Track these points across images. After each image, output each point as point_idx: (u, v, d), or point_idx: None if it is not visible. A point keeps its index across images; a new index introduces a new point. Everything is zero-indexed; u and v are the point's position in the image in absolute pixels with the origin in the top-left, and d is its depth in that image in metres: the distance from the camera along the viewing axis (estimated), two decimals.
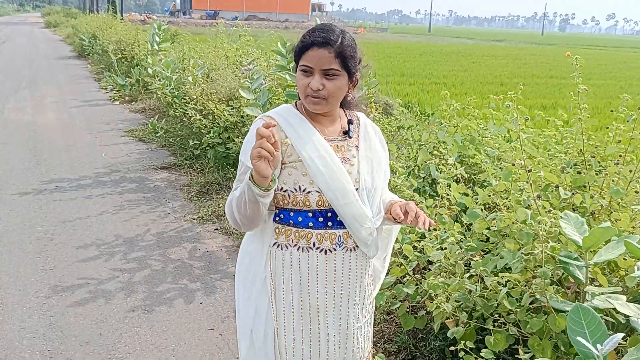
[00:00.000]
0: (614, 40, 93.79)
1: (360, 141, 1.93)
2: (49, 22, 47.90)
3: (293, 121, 1.83)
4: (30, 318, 3.55)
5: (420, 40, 51.08)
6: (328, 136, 1.85)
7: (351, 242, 1.87)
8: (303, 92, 1.78)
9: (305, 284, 1.85)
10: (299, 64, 1.78)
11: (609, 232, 1.94)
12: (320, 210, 1.80)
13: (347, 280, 1.89)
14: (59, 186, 6.09)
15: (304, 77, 1.76)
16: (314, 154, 1.77)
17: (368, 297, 2.02)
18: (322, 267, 1.84)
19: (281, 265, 1.86)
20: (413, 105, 10.78)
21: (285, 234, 1.84)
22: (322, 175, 1.76)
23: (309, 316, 1.88)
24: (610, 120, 8.96)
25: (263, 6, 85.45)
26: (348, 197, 1.78)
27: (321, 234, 1.82)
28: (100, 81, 14.17)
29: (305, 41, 1.76)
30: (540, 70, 21.67)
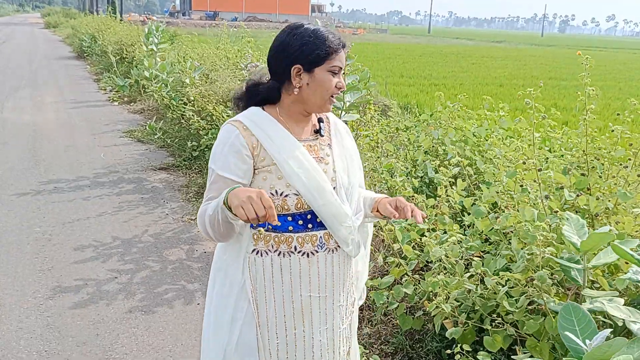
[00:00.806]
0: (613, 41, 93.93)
1: (333, 139, 1.93)
2: (48, 22, 47.95)
3: (263, 124, 1.78)
4: (28, 318, 3.54)
5: (420, 41, 51.12)
6: (300, 136, 1.84)
7: (332, 243, 1.85)
8: (329, 92, 1.78)
9: (288, 290, 1.81)
10: (324, 64, 1.76)
11: (607, 237, 1.94)
12: (299, 213, 1.78)
13: (331, 282, 1.87)
14: (58, 187, 6.09)
15: (332, 77, 1.78)
16: (287, 156, 1.75)
17: (351, 299, 2.01)
18: (305, 271, 1.81)
19: (262, 271, 1.80)
20: (412, 106, 10.78)
21: (264, 239, 1.79)
22: (298, 176, 1.74)
23: (292, 320, 1.83)
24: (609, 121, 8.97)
25: (263, 7, 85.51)
26: (326, 196, 1.76)
27: (302, 237, 1.79)
28: (100, 82, 14.18)
29: (338, 42, 1.78)
30: (540, 72, 21.68)
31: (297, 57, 1.76)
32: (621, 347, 1.40)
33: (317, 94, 1.78)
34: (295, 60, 1.76)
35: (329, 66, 1.76)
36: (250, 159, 1.75)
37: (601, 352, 1.39)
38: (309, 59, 1.75)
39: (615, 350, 1.40)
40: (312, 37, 1.77)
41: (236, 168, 1.75)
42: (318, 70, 1.76)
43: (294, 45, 1.76)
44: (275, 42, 1.81)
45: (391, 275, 3.01)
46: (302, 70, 1.76)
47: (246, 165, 1.75)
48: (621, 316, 1.74)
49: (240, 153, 1.74)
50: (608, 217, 2.68)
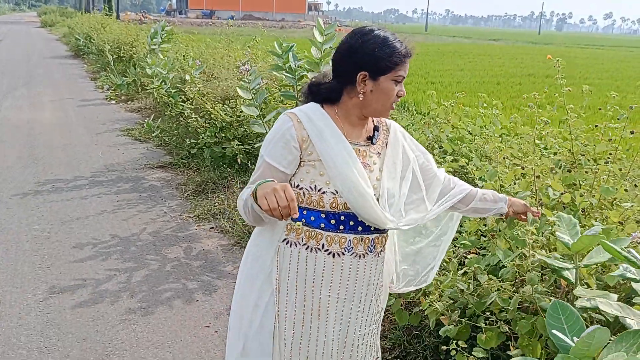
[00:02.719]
0: (611, 39, 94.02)
1: (387, 148, 1.94)
2: (44, 21, 47.82)
3: (317, 120, 1.82)
4: (28, 315, 3.57)
5: (417, 40, 50.82)
6: (352, 139, 1.85)
7: (361, 249, 1.86)
8: (391, 101, 1.81)
9: (310, 285, 1.85)
10: (391, 73, 1.78)
11: (597, 239, 1.97)
12: (333, 212, 1.80)
13: (353, 287, 1.88)
14: (56, 185, 6.11)
15: (395, 86, 1.80)
16: (334, 155, 1.77)
17: (375, 307, 2.00)
18: (328, 270, 1.84)
19: (288, 262, 1.85)
20: (409, 104, 10.80)
21: (296, 231, 1.84)
22: (341, 176, 1.76)
23: (310, 315, 1.87)
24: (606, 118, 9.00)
25: (259, 5, 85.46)
26: (367, 200, 1.77)
27: (331, 237, 1.82)
28: (97, 80, 14.18)
29: (406, 52, 1.80)
30: (537, 70, 21.69)
31: (365, 63, 1.78)
32: (605, 338, 1.42)
33: (379, 101, 1.81)
34: (363, 67, 1.79)
35: (394, 75, 1.79)
36: (297, 150, 1.79)
37: (586, 345, 1.42)
38: (375, 68, 1.78)
39: (599, 341, 1.42)
40: (382, 45, 1.78)
41: (282, 157, 1.80)
42: (383, 79, 1.79)
43: (362, 51, 1.78)
44: (344, 45, 1.84)
45: None
46: (368, 77, 1.79)
47: (292, 156, 1.80)
48: (612, 312, 1.76)
49: (288, 144, 1.79)
50: (594, 213, 2.70)
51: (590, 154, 2.96)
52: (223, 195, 5.73)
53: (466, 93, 13.38)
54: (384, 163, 1.90)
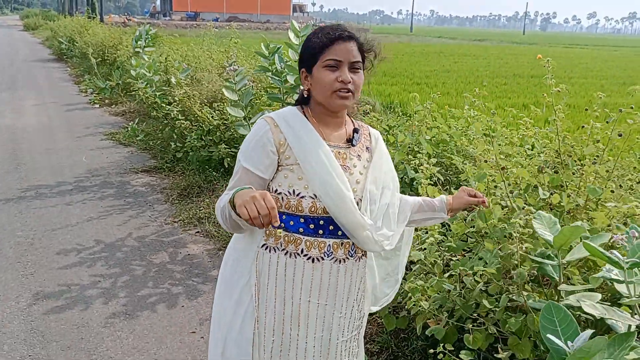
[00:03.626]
0: (595, 38, 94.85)
1: (373, 154, 1.93)
2: (27, 24, 47.35)
3: (295, 123, 1.80)
4: (11, 323, 3.51)
5: (402, 40, 51.25)
6: (331, 142, 1.83)
7: (341, 253, 1.83)
8: (330, 88, 1.75)
9: (290, 291, 1.82)
10: (319, 61, 1.76)
11: (579, 230, 1.97)
12: (312, 216, 1.77)
13: (334, 292, 1.85)
14: (40, 191, 6.03)
15: (329, 72, 1.75)
16: (312, 157, 1.75)
17: (358, 312, 1.98)
18: (307, 275, 1.81)
19: (267, 267, 1.83)
20: (395, 105, 10.81)
21: (275, 237, 1.81)
22: (320, 180, 1.74)
23: (290, 322, 1.84)
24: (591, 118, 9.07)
25: (244, 7, 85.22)
26: (346, 204, 1.75)
27: (310, 241, 1.79)
28: (80, 84, 14.04)
29: (330, 36, 1.75)
30: (522, 70, 21.83)
31: (302, 60, 1.83)
32: (602, 346, 1.42)
33: (320, 92, 1.78)
34: (301, 64, 1.83)
35: (323, 62, 1.75)
36: (275, 155, 1.78)
37: (583, 354, 1.41)
38: (308, 60, 1.79)
39: (596, 350, 1.42)
40: (311, 37, 1.79)
41: (259, 162, 1.78)
42: (315, 69, 1.78)
43: (301, 50, 1.83)
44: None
45: None
46: (306, 72, 1.81)
47: (269, 160, 1.78)
48: (597, 314, 1.76)
49: (265, 148, 1.77)
50: (580, 214, 2.71)
51: (577, 154, 2.97)
52: (209, 199, 5.69)
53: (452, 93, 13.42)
54: (366, 167, 1.88)
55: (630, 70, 24.19)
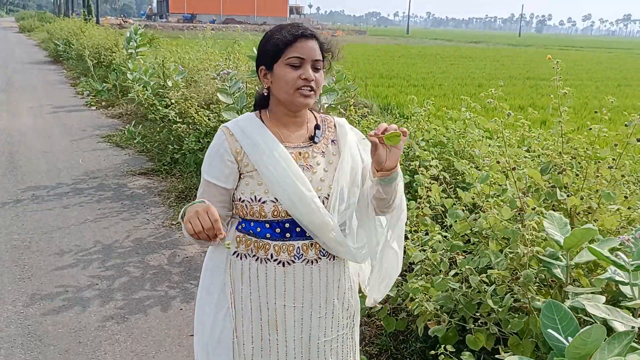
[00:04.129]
0: (590, 40, 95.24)
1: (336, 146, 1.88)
2: (23, 26, 47.28)
3: (250, 130, 1.79)
4: (8, 327, 3.49)
5: (399, 42, 51.37)
6: (291, 143, 1.81)
7: (312, 254, 1.81)
8: (292, 86, 1.72)
9: (264, 296, 1.81)
10: (281, 58, 1.73)
11: (590, 232, 1.97)
12: (276, 221, 1.76)
13: (309, 294, 1.83)
14: (36, 193, 6.01)
15: (292, 70, 1.72)
16: (269, 163, 1.73)
17: (342, 311, 1.93)
18: (280, 279, 1.79)
19: (240, 275, 1.82)
20: (392, 107, 10.82)
21: (245, 243, 1.81)
22: (278, 182, 1.72)
23: (267, 328, 1.83)
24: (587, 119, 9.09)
25: (241, 9, 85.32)
26: (307, 205, 1.72)
27: (279, 246, 1.78)
28: (77, 86, 14.02)
29: (293, 33, 1.74)
30: (518, 72, 21.89)
31: (260, 58, 1.80)
32: (601, 336, 1.42)
33: (281, 89, 1.75)
34: (260, 62, 1.80)
35: (285, 59, 1.73)
36: (233, 164, 1.77)
37: (582, 343, 1.41)
38: (268, 58, 1.77)
39: (594, 340, 1.42)
40: (270, 35, 1.78)
41: (219, 172, 1.78)
42: (276, 66, 1.75)
43: (259, 49, 1.80)
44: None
45: None
46: (265, 69, 1.78)
47: (228, 170, 1.78)
48: (601, 315, 1.76)
49: (223, 158, 1.78)
50: (587, 216, 2.72)
51: (581, 156, 2.97)
52: None
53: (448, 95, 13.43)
54: (332, 162, 1.84)
55: (625, 72, 24.29)
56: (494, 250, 2.56)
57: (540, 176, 2.83)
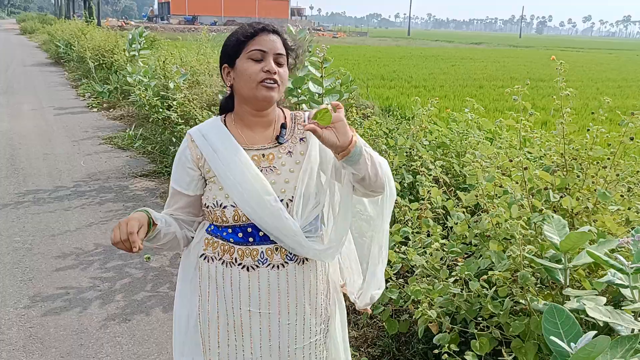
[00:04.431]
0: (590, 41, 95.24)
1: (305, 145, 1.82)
2: (24, 28, 47.40)
3: (211, 135, 1.77)
4: (9, 330, 3.49)
5: (400, 44, 51.39)
6: (255, 145, 1.77)
7: (278, 259, 1.75)
8: (255, 79, 1.68)
9: (230, 301, 1.77)
10: (243, 52, 1.70)
11: (586, 236, 1.96)
12: (238, 225, 1.73)
13: (276, 300, 1.77)
14: (37, 196, 6.01)
15: (254, 63, 1.68)
16: (227, 168, 1.71)
17: (314, 318, 1.86)
18: (244, 284, 1.75)
19: (207, 278, 1.80)
20: (393, 108, 10.81)
21: (212, 246, 1.79)
22: (236, 187, 1.69)
23: (233, 333, 1.79)
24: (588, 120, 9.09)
25: (242, 11, 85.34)
26: (267, 209, 1.68)
27: (242, 250, 1.74)
28: (78, 88, 14.03)
29: (255, 27, 1.72)
30: (519, 73, 21.87)
31: (222, 57, 1.77)
32: (605, 346, 1.41)
33: (244, 85, 1.71)
34: (222, 61, 1.78)
35: (246, 53, 1.70)
36: (194, 171, 1.78)
37: (586, 354, 1.40)
38: (229, 55, 1.74)
39: (599, 350, 1.41)
40: (232, 33, 1.76)
41: (181, 180, 1.81)
42: (238, 61, 1.72)
43: (222, 48, 1.78)
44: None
45: None
46: (228, 67, 1.76)
47: (189, 177, 1.79)
48: (601, 318, 1.75)
49: (184, 165, 1.79)
50: (588, 217, 2.71)
51: (582, 157, 2.96)
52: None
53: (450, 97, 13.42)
54: (299, 162, 1.78)
55: (625, 73, 24.28)
56: (496, 250, 2.56)
57: (549, 176, 2.82)
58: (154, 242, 1.77)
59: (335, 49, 30.17)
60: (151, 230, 1.69)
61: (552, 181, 2.84)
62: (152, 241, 1.75)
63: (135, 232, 1.56)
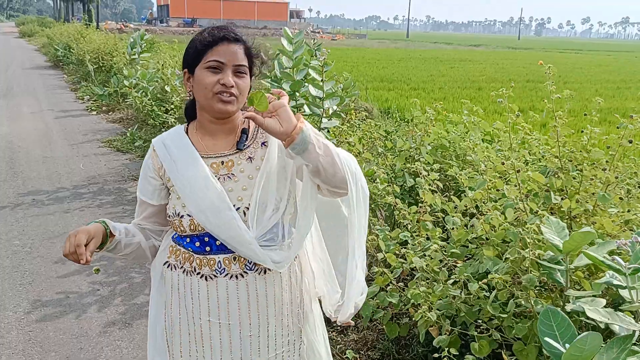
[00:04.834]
0: (589, 43, 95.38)
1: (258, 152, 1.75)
2: (23, 31, 47.37)
3: (171, 144, 1.75)
4: (9, 333, 3.49)
5: (399, 46, 51.47)
6: (214, 152, 1.73)
7: (236, 269, 1.69)
8: (211, 91, 1.63)
9: (191, 309, 1.74)
10: (201, 61, 1.65)
11: (589, 236, 1.96)
12: (195, 235, 1.70)
13: (236, 310, 1.71)
14: (37, 198, 6.01)
15: (211, 74, 1.63)
16: (183, 177, 1.69)
17: (280, 329, 1.79)
18: (203, 294, 1.71)
19: (170, 285, 1.78)
20: (392, 111, 10.82)
21: (175, 254, 1.76)
22: (191, 196, 1.66)
23: (194, 343, 1.76)
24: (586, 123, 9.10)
25: (241, 13, 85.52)
26: (221, 219, 1.64)
27: (200, 259, 1.71)
28: (77, 91, 14.03)
29: (215, 35, 1.65)
30: (517, 75, 21.91)
31: (183, 62, 1.73)
32: (598, 343, 1.42)
33: (200, 95, 1.67)
34: (184, 65, 1.73)
35: (204, 63, 1.64)
36: (156, 180, 1.78)
37: (578, 351, 1.41)
38: (189, 61, 1.69)
39: (591, 347, 1.41)
40: (194, 39, 1.70)
41: (145, 189, 1.81)
42: (197, 70, 1.66)
43: (185, 49, 1.74)
44: None
45: (376, 285, 3.02)
46: (188, 72, 1.71)
47: (152, 186, 1.79)
48: (601, 319, 1.76)
49: (147, 175, 1.80)
50: (587, 219, 2.71)
51: (577, 159, 2.97)
52: None
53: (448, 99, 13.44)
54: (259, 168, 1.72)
55: (624, 75, 24.33)
56: (490, 257, 2.56)
57: (544, 179, 2.83)
58: (115, 252, 1.77)
59: (335, 51, 30.15)
60: (108, 241, 1.70)
61: (548, 183, 2.84)
62: (112, 251, 1.76)
63: (82, 245, 1.57)
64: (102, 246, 1.70)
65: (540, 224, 2.27)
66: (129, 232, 1.80)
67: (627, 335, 1.60)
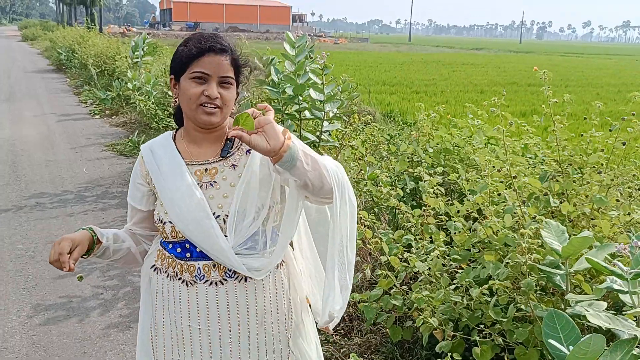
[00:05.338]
0: (590, 47, 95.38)
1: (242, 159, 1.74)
2: (26, 35, 47.47)
3: (157, 151, 1.76)
4: (12, 338, 3.49)
5: (401, 50, 51.50)
6: (198, 159, 1.73)
7: (216, 276, 1.70)
8: (195, 102, 1.62)
9: (173, 314, 1.76)
10: (187, 71, 1.64)
11: (587, 241, 1.97)
12: (177, 241, 1.71)
13: (216, 317, 1.71)
14: (40, 202, 6.02)
15: (196, 85, 1.62)
16: (165, 184, 1.70)
17: (263, 336, 1.77)
18: (184, 299, 1.73)
19: (155, 289, 1.80)
20: (395, 114, 10.83)
21: (161, 258, 1.78)
22: (172, 203, 1.68)
23: (177, 347, 1.77)
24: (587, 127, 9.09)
25: (244, 17, 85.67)
26: (200, 227, 1.64)
27: (181, 265, 1.72)
28: (80, 95, 14.06)
29: (201, 46, 1.63)
30: (519, 78, 21.91)
31: (172, 68, 1.72)
32: (602, 345, 1.42)
33: (184, 104, 1.67)
34: (170, 71, 1.72)
35: (189, 73, 1.63)
36: (143, 186, 1.79)
37: (582, 353, 1.41)
38: (176, 69, 1.69)
39: (595, 349, 1.42)
40: (181, 46, 1.69)
41: (134, 195, 1.83)
42: (182, 79, 1.66)
43: (173, 55, 1.73)
44: None
45: (380, 288, 3.02)
46: (174, 79, 1.71)
47: (140, 192, 1.81)
48: (601, 324, 1.76)
49: (135, 181, 1.82)
50: (587, 222, 2.72)
51: (577, 163, 2.98)
52: None
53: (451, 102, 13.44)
54: (240, 175, 1.70)
55: (625, 78, 24.32)
56: (492, 261, 2.57)
57: (540, 184, 2.83)
58: (104, 258, 1.81)
59: (337, 55, 30.22)
60: (95, 248, 1.73)
61: (547, 187, 2.85)
62: (101, 257, 1.80)
63: (64, 253, 1.61)
64: (90, 252, 1.74)
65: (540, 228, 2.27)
66: (118, 237, 1.82)
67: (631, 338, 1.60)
